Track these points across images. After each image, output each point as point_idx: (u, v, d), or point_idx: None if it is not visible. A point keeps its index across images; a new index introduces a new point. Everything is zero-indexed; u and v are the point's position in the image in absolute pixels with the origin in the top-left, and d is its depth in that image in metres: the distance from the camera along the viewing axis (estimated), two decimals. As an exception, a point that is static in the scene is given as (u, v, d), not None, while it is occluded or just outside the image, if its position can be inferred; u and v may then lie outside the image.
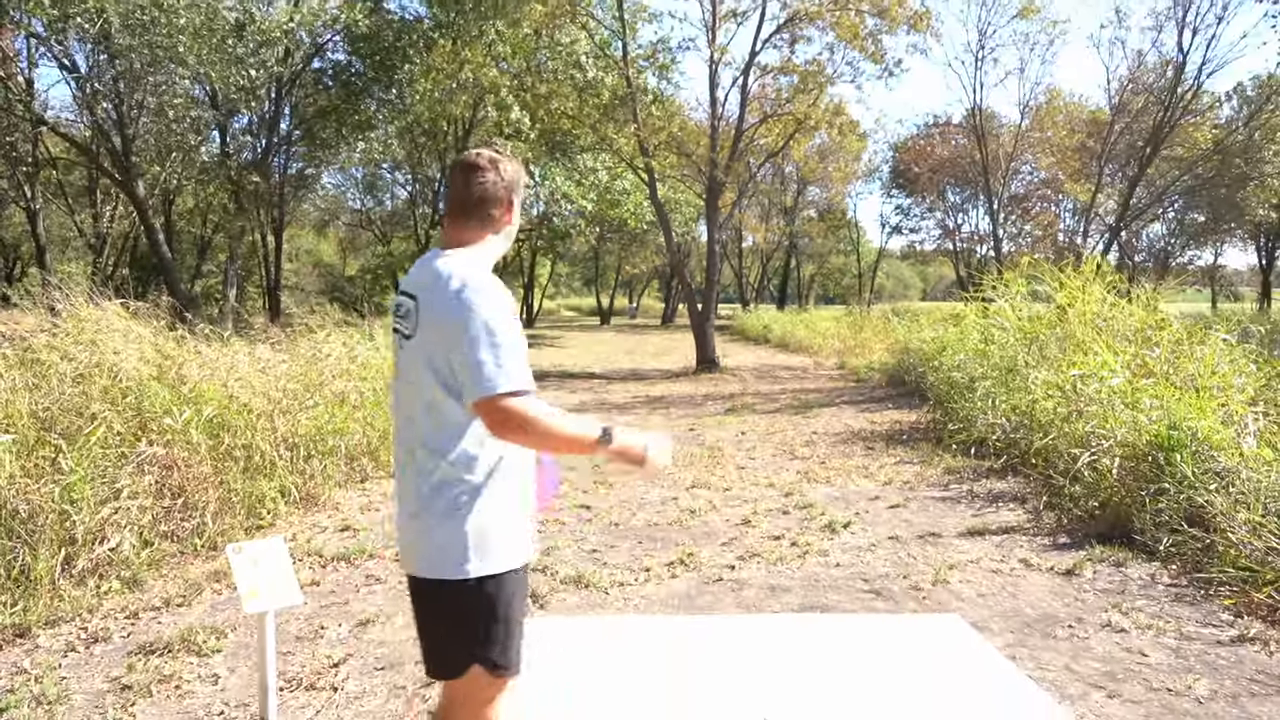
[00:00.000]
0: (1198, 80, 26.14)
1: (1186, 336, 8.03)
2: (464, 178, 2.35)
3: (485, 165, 2.36)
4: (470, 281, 2.15)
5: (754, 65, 18.41)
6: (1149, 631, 4.27)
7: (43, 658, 4.00)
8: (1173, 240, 40.41)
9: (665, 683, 3.59)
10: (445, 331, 2.13)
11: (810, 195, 48.50)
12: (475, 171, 2.35)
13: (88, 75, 17.81)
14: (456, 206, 2.36)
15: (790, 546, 5.69)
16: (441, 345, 2.14)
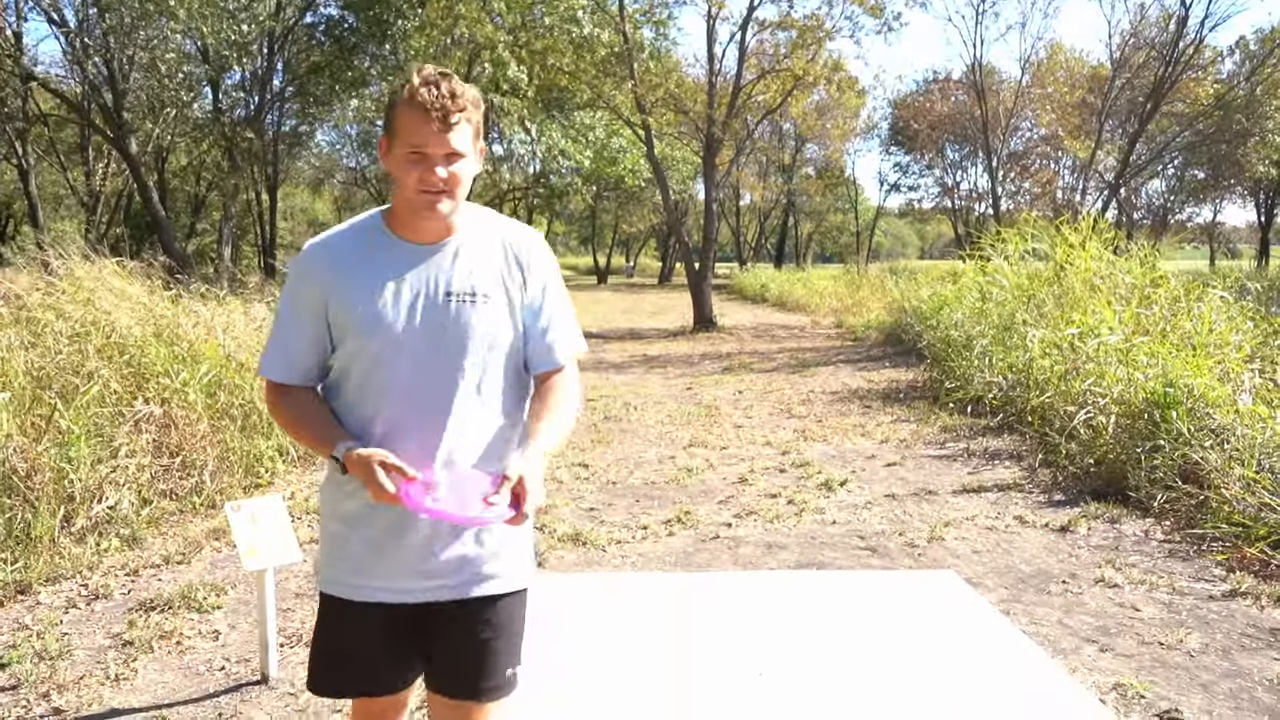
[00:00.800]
0: (1199, 34, 25.84)
1: (1184, 294, 8.03)
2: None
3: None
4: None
5: (752, 20, 18.20)
6: (1142, 587, 4.31)
7: (44, 614, 4.03)
8: (1172, 197, 40.23)
9: (663, 639, 3.62)
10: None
11: (808, 153, 48.20)
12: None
13: (77, 30, 17.57)
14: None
15: (787, 504, 5.72)
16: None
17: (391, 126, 1.77)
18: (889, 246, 74.54)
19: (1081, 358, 7.24)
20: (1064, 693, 3.15)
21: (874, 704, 3.07)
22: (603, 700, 3.12)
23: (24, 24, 21.42)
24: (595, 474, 6.52)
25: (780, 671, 3.31)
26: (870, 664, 3.37)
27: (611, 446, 7.39)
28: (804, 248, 56.40)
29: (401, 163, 1.75)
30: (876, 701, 3.09)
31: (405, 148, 1.74)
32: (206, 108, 23.38)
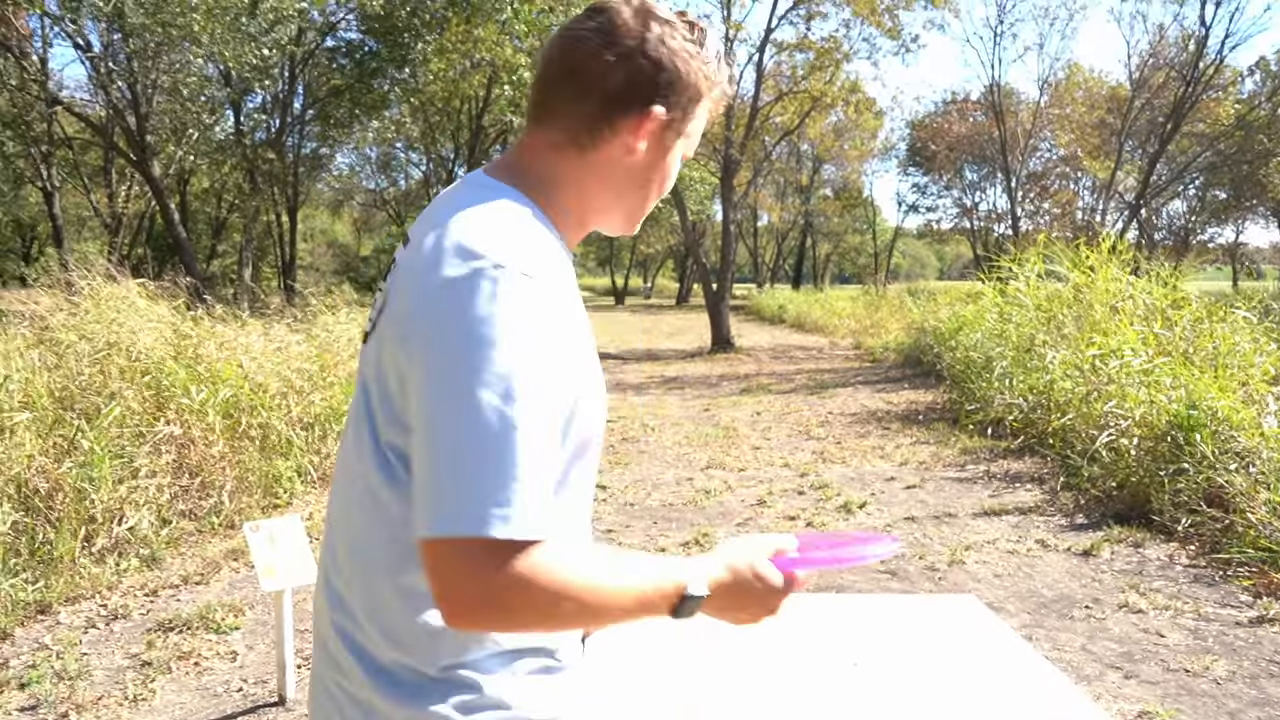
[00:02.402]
0: (1220, 54, 25.77)
1: (1207, 315, 7.96)
2: (563, 35, 1.17)
3: (612, 22, 1.13)
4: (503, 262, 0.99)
5: (770, 41, 18.29)
6: (1167, 612, 4.25)
7: (64, 634, 4.04)
8: (1193, 218, 39.99)
9: (679, 664, 3.59)
10: (406, 354, 1.01)
11: (826, 173, 48.28)
12: (585, 23, 1.16)
13: (102, 54, 17.80)
14: (540, 86, 1.19)
15: (805, 527, 5.68)
16: (393, 379, 1.04)
17: (682, 113, 1.18)
18: (907, 267, 74.38)
19: (1103, 379, 7.18)
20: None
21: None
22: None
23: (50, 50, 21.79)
24: (613, 495, 6.50)
25: (800, 696, 3.28)
26: (891, 689, 3.33)
27: (629, 468, 7.38)
28: (822, 268, 56.37)
29: (669, 161, 1.21)
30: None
31: (688, 146, 1.23)
32: (228, 130, 23.62)
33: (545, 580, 0.94)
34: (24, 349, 5.92)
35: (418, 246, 1.07)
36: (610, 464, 7.48)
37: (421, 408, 0.97)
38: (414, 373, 0.99)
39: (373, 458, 1.07)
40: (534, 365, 0.97)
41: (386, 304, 1.09)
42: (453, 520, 0.92)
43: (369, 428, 1.07)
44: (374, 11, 20.31)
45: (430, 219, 1.11)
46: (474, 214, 1.07)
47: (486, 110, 25.40)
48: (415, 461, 0.98)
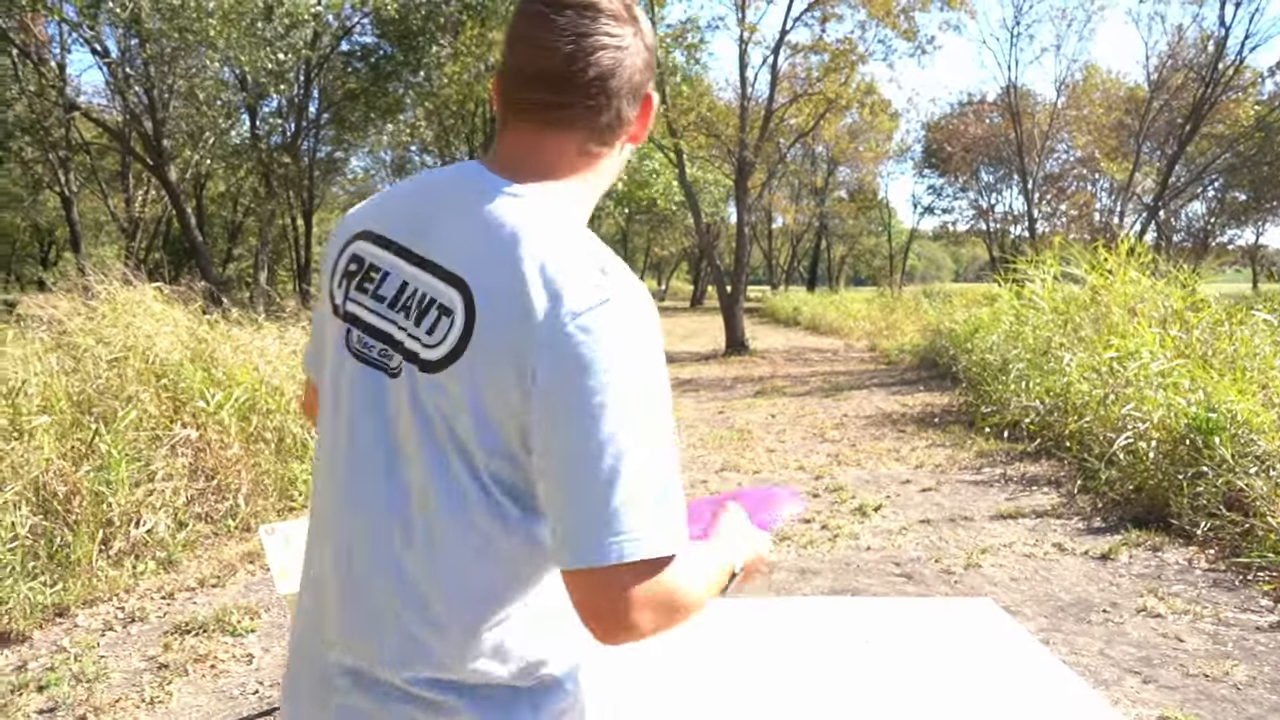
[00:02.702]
0: (1240, 55, 25.54)
1: (1226, 317, 7.89)
2: (577, 38, 1.09)
3: (619, 12, 1.12)
4: (618, 287, 1.04)
5: (784, 44, 18.23)
6: (1185, 616, 4.21)
7: (82, 636, 4.06)
8: (1212, 219, 39.69)
9: (695, 666, 3.58)
10: (537, 399, 1.00)
11: (841, 175, 48.11)
12: (600, 25, 1.10)
13: (119, 60, 17.95)
14: (552, 85, 1.11)
15: (820, 530, 5.66)
16: (508, 416, 1.02)
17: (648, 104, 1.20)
18: (923, 269, 74.13)
19: (1120, 382, 7.13)
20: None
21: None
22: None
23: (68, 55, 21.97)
24: (627, 498, 6.49)
25: (815, 699, 3.26)
26: (907, 693, 3.31)
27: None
28: (837, 270, 56.26)
29: (628, 145, 1.22)
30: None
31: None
32: (244, 135, 23.78)
33: (687, 587, 1.03)
34: (42, 353, 5.96)
35: (514, 280, 1.02)
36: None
37: (572, 439, 0.97)
38: (551, 405, 0.98)
39: (476, 496, 1.05)
40: (663, 386, 1.04)
41: (473, 343, 1.03)
42: (637, 545, 0.96)
43: (462, 462, 1.05)
44: (389, 15, 20.40)
45: (499, 243, 1.05)
46: (562, 235, 1.06)
47: (501, 114, 25.46)
48: (563, 493, 0.99)
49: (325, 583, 1.16)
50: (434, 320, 1.05)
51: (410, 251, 1.11)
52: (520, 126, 1.14)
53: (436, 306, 1.06)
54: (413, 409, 1.07)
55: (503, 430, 1.02)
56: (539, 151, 1.14)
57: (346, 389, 1.14)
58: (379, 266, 1.13)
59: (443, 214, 1.11)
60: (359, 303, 1.14)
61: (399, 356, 1.09)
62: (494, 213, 1.07)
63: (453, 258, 1.07)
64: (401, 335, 1.09)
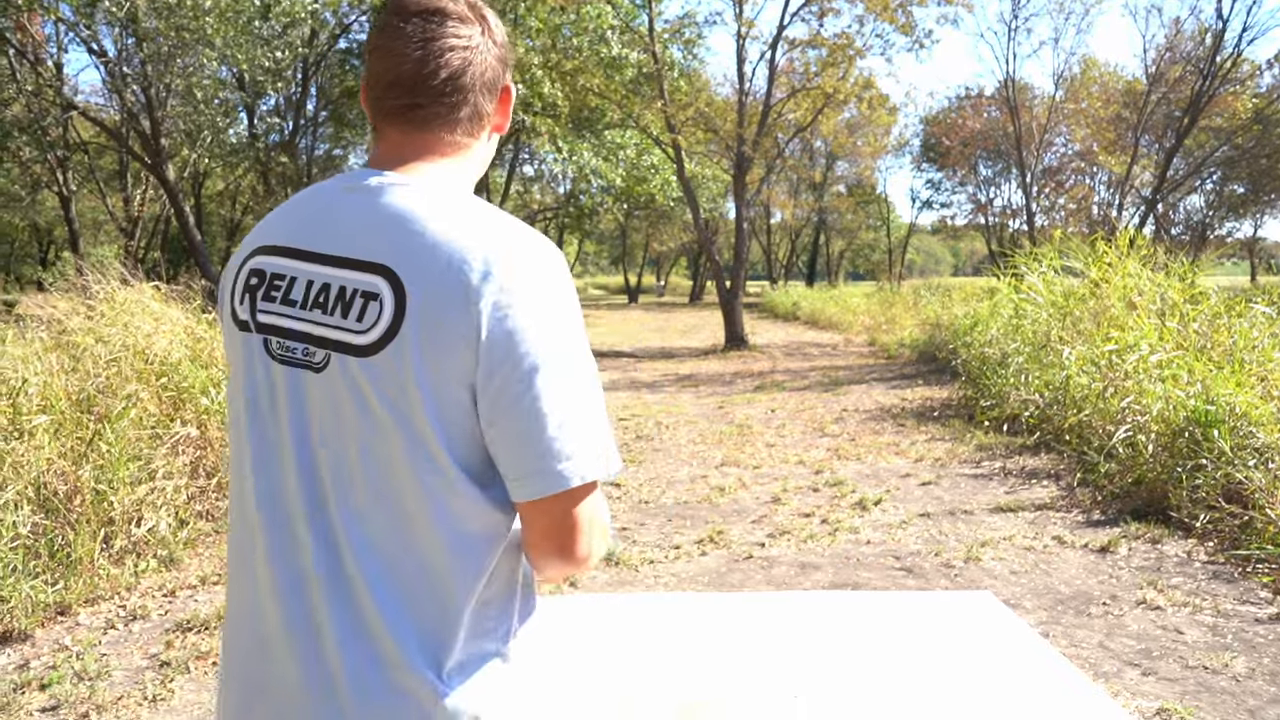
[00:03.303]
0: (1238, 48, 25.52)
1: (1225, 310, 7.90)
2: (424, 43, 1.18)
3: (465, 14, 1.21)
4: (542, 257, 1.13)
5: (782, 39, 18.22)
6: (1185, 609, 4.23)
7: (84, 635, 4.07)
8: (1211, 212, 39.68)
9: (696, 660, 3.59)
10: (486, 353, 1.06)
11: (839, 170, 48.08)
12: (445, 28, 1.19)
13: (116, 59, 17.92)
14: (407, 89, 1.20)
15: (820, 524, 5.67)
16: (459, 381, 1.08)
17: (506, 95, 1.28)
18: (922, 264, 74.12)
19: (1119, 375, 7.14)
20: (1107, 717, 3.09)
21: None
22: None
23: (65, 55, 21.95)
24: (627, 493, 6.51)
25: (815, 694, 3.27)
26: (907, 686, 3.32)
27: (643, 466, 7.38)
28: (836, 265, 56.23)
29: (494, 135, 1.33)
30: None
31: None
32: (242, 133, 23.75)
33: (605, 511, 1.19)
34: (42, 352, 5.96)
35: (433, 255, 1.09)
36: (625, 462, 7.48)
37: (516, 387, 1.07)
38: (494, 359, 1.07)
39: (423, 465, 1.10)
40: (581, 328, 1.15)
41: (407, 321, 1.08)
42: (585, 469, 1.09)
43: (406, 433, 1.09)
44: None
45: (409, 226, 1.12)
46: (467, 209, 1.15)
47: (499, 110, 25.44)
48: (513, 435, 1.08)
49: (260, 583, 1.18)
50: (361, 308, 1.10)
51: (315, 253, 1.16)
52: (389, 131, 1.23)
53: (361, 295, 1.11)
54: (350, 393, 1.11)
55: (450, 395, 1.08)
56: (410, 149, 1.22)
57: (275, 394, 1.18)
58: (282, 274, 1.18)
59: (342, 213, 1.17)
60: (270, 311, 1.18)
61: (323, 351, 1.13)
62: (395, 202, 1.14)
63: (363, 248, 1.13)
64: (322, 331, 1.13)
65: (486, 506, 1.12)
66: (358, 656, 1.10)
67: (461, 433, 1.10)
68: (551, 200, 36.39)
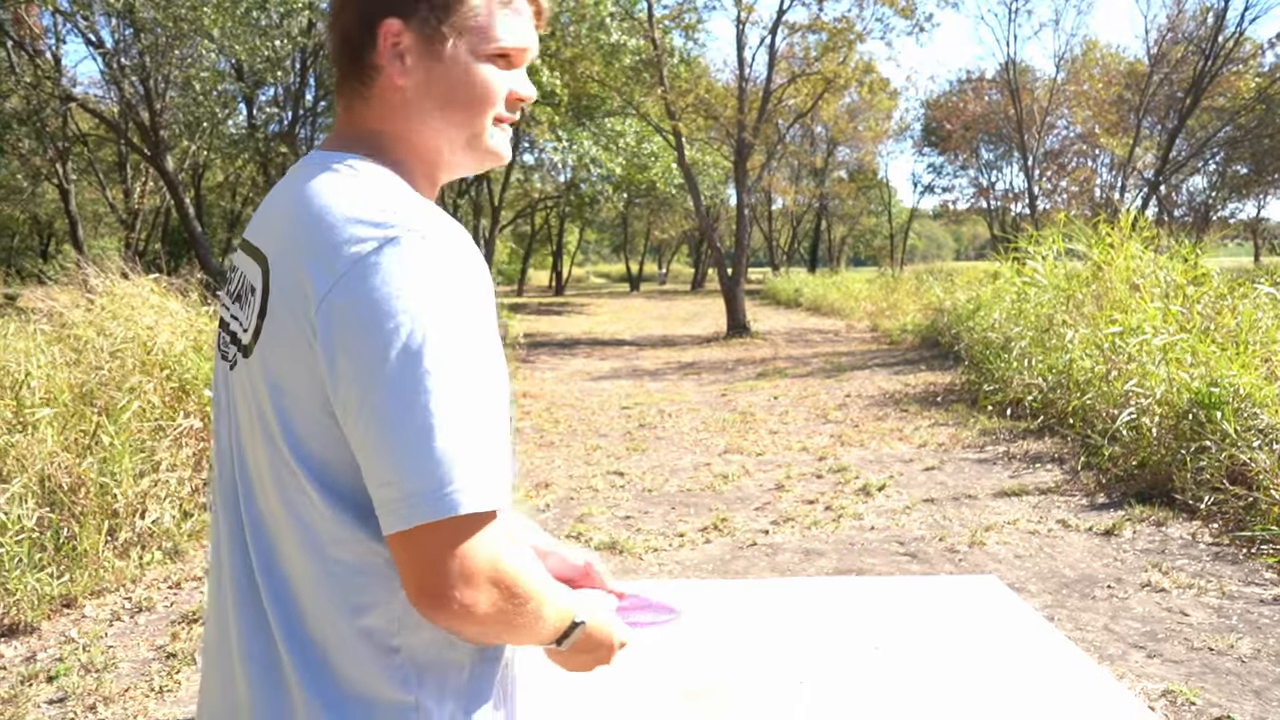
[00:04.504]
0: (1239, 27, 25.43)
1: (1228, 291, 7.88)
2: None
3: None
4: (403, 227, 0.94)
5: (782, 23, 18.14)
6: (1190, 591, 4.22)
7: (90, 627, 4.08)
8: (1214, 193, 39.56)
9: (701, 647, 3.59)
10: (325, 358, 0.93)
11: (840, 156, 47.96)
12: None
13: (114, 50, 17.87)
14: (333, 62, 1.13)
15: (824, 510, 5.67)
16: (311, 389, 0.95)
17: (436, 13, 1.05)
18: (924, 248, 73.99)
19: (1123, 358, 7.12)
20: (1112, 699, 3.09)
21: (919, 711, 3.03)
22: (643, 709, 3.10)
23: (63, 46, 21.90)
24: (631, 482, 6.51)
25: (822, 679, 3.27)
26: (913, 670, 3.33)
27: (647, 454, 7.38)
28: (837, 251, 56.14)
29: (475, 72, 1.07)
30: (921, 708, 3.04)
31: (491, 46, 1.07)
32: (241, 124, 23.69)
33: (516, 569, 0.95)
34: (45, 346, 5.96)
35: (295, 242, 0.97)
36: (627, 450, 7.48)
37: (366, 401, 0.90)
38: (339, 364, 0.91)
39: (288, 481, 0.99)
40: (469, 328, 0.93)
41: (268, 318, 0.98)
42: (432, 504, 0.88)
43: (272, 447, 0.99)
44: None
45: (291, 212, 1.01)
46: (344, 186, 0.99)
47: (498, 99, 25.36)
48: (370, 456, 0.91)
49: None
50: (246, 302, 1.04)
51: (245, 241, 1.10)
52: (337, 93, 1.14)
53: (248, 287, 1.04)
54: (241, 396, 1.05)
55: (306, 403, 0.96)
56: (340, 121, 1.12)
57: (218, 388, 1.14)
58: (235, 266, 1.13)
59: (274, 200, 1.09)
60: (222, 304, 1.15)
61: (233, 348, 1.07)
62: (297, 183, 1.03)
63: (258, 234, 1.06)
64: (235, 325, 1.08)
65: (362, 534, 0.97)
66: (262, 671, 1.02)
67: (323, 448, 0.96)
68: (552, 189, 36.32)
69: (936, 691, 3.17)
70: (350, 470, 0.95)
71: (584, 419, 8.99)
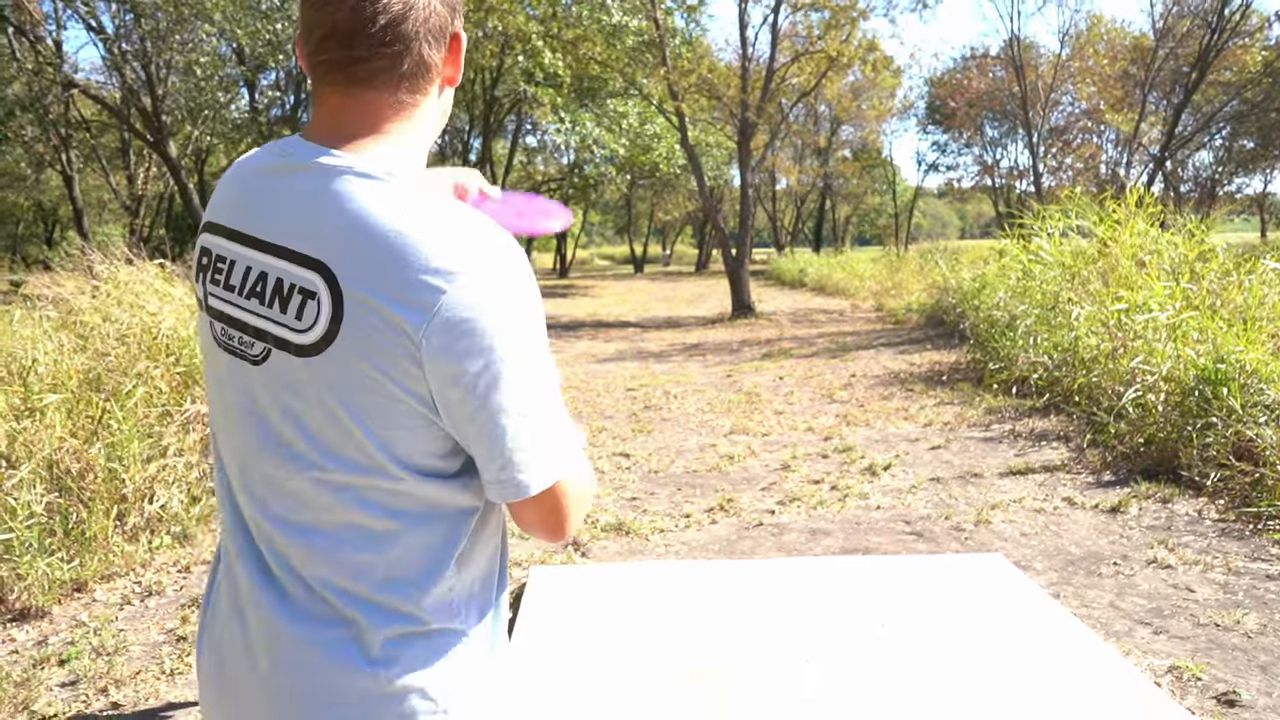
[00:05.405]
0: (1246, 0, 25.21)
1: (1234, 267, 7.85)
2: None
3: None
4: (496, 259, 1.04)
5: (785, 2, 18.03)
6: (1196, 567, 4.23)
7: (100, 611, 4.11)
8: (1220, 168, 39.34)
9: (709, 627, 3.61)
10: (435, 381, 1.02)
11: (844, 135, 47.75)
12: None
13: (115, 36, 17.83)
14: (344, 41, 1.07)
15: (830, 490, 5.68)
16: (400, 394, 1.03)
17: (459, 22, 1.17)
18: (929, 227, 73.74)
19: (1129, 335, 7.11)
20: (1118, 676, 3.10)
21: (925, 689, 3.04)
22: (649, 689, 3.12)
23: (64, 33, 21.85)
24: (637, 463, 6.52)
25: (828, 658, 3.29)
26: (919, 649, 3.34)
27: (652, 435, 7.39)
28: (842, 231, 55.98)
29: (446, 90, 1.20)
30: (927, 686, 3.06)
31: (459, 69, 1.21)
32: (243, 108, 23.67)
33: (588, 478, 1.21)
34: (51, 332, 5.97)
35: (375, 266, 1.01)
36: (633, 431, 7.49)
37: (480, 396, 1.03)
38: (449, 369, 1.01)
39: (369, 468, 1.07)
40: (540, 325, 1.09)
41: (345, 328, 1.02)
42: (558, 467, 1.10)
43: (352, 440, 1.06)
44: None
45: (353, 229, 1.03)
46: (411, 203, 1.04)
47: (500, 81, 25.28)
48: (485, 444, 1.06)
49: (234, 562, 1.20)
50: (299, 305, 1.04)
51: (252, 237, 1.10)
52: (328, 91, 1.11)
53: (299, 291, 1.04)
54: (293, 392, 1.07)
55: (394, 403, 1.04)
56: (352, 112, 1.10)
57: (225, 381, 1.16)
58: (225, 256, 1.13)
59: (278, 195, 1.09)
60: (216, 295, 1.14)
61: (263, 344, 1.09)
62: (334, 189, 1.04)
63: (302, 240, 1.05)
64: (260, 322, 1.09)
65: (434, 495, 1.10)
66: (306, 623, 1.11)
67: (405, 434, 1.06)
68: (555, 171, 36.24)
69: (943, 670, 3.19)
70: (423, 449, 1.08)
71: (589, 401, 9.00)
